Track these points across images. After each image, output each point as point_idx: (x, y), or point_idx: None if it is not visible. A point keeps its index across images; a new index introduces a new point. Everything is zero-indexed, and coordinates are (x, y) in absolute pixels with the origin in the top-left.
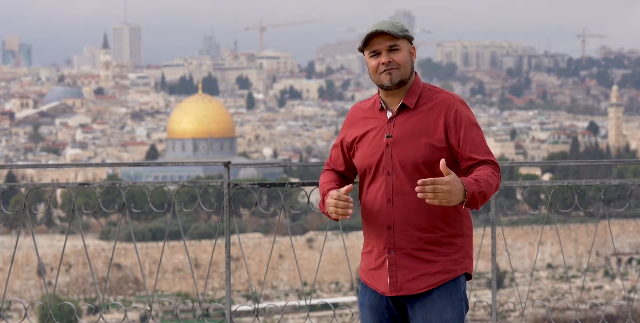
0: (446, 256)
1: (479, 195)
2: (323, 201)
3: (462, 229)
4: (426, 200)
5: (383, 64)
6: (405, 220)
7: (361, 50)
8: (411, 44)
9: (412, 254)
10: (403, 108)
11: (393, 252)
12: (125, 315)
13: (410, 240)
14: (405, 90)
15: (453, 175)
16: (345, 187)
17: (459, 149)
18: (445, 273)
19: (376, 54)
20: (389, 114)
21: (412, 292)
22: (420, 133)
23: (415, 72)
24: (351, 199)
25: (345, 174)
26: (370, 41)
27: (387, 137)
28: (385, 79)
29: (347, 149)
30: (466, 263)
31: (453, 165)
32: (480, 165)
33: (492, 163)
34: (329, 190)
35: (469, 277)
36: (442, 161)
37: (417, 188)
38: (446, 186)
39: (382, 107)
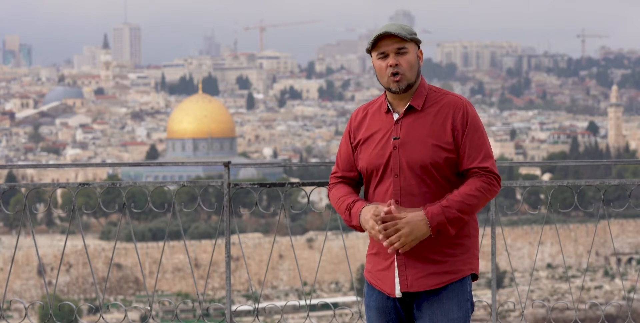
0: (454, 257)
1: (448, 221)
2: (350, 214)
3: (469, 230)
4: (400, 250)
5: (390, 66)
6: None
7: (369, 51)
8: (419, 47)
9: (421, 255)
10: (410, 110)
11: (402, 253)
12: (126, 315)
13: (419, 241)
14: (412, 93)
15: (410, 214)
16: (386, 209)
17: (460, 153)
18: (453, 273)
19: (384, 55)
20: (396, 116)
21: (421, 289)
22: (428, 135)
23: (421, 75)
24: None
25: (356, 180)
26: (379, 43)
27: (394, 139)
28: (392, 85)
29: (353, 151)
30: (473, 264)
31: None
32: (472, 176)
33: (486, 172)
34: (353, 202)
35: (474, 277)
36: (392, 205)
37: (385, 244)
38: (407, 231)
39: (388, 109)
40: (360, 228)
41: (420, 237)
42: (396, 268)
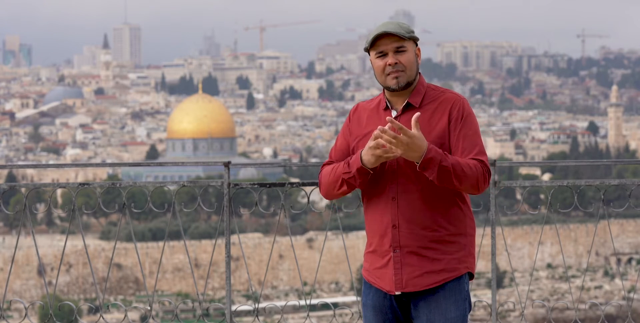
0: (450, 255)
1: (439, 165)
2: (349, 165)
3: (465, 229)
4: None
5: (390, 65)
6: (410, 219)
7: (367, 50)
8: (417, 45)
9: (417, 252)
10: (408, 107)
11: (398, 251)
12: (126, 315)
13: (415, 239)
14: (411, 90)
15: (420, 134)
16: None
17: (453, 146)
18: (449, 271)
19: (383, 54)
20: (394, 113)
21: (417, 289)
22: (425, 131)
23: (420, 72)
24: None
25: None
26: (377, 42)
27: None
28: (391, 82)
29: (350, 146)
30: (469, 262)
31: None
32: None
33: (480, 161)
34: (350, 157)
35: (471, 276)
36: (416, 114)
37: (377, 130)
38: (407, 139)
39: (387, 106)
40: (360, 176)
41: (408, 155)
42: (393, 266)
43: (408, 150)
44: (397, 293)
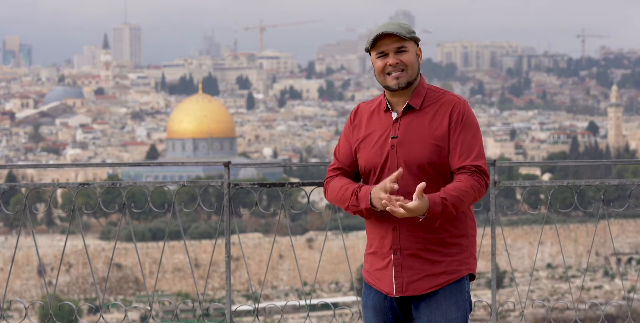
0: (451, 257)
1: (441, 213)
2: (357, 198)
3: (467, 230)
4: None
5: (390, 65)
6: (410, 221)
7: (368, 50)
8: (417, 45)
9: (418, 255)
10: (408, 109)
11: (399, 253)
12: (126, 315)
13: (416, 241)
14: (411, 92)
15: (421, 203)
16: (395, 175)
17: (452, 150)
18: (450, 273)
19: (383, 55)
20: (395, 115)
21: (417, 293)
22: (426, 134)
23: (420, 74)
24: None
25: (357, 175)
26: (378, 42)
27: (392, 137)
28: (392, 82)
29: (353, 148)
30: (470, 264)
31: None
32: (464, 174)
33: (477, 170)
34: (359, 187)
35: (472, 277)
36: (421, 184)
37: (385, 202)
38: (403, 211)
39: (387, 107)
40: (368, 212)
41: (412, 216)
42: (393, 268)
43: (410, 215)
44: (396, 295)
